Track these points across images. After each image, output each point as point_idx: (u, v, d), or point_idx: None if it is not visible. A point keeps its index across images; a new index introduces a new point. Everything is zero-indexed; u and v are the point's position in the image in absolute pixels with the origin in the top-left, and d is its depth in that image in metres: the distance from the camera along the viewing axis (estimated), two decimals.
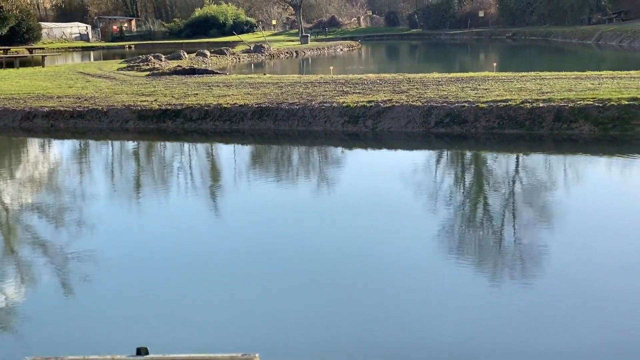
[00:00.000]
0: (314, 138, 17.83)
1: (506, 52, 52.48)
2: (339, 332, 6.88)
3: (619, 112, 15.92)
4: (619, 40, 46.18)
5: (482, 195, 12.25)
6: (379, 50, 61.20)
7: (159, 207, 12.19)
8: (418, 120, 17.41)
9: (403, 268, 8.53)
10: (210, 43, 67.38)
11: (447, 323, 6.93)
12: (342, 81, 22.44)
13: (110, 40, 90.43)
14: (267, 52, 46.54)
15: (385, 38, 76.67)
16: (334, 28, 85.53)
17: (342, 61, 46.41)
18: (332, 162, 15.79)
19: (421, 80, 21.43)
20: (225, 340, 6.82)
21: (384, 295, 7.72)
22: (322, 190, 13.13)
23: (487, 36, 67.99)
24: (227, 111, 19.16)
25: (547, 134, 16.19)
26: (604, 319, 6.83)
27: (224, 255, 9.35)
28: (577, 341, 6.42)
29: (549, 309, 7.07)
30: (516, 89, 18.58)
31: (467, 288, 7.77)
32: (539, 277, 8.03)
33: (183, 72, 27.61)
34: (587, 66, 25.81)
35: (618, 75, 20.33)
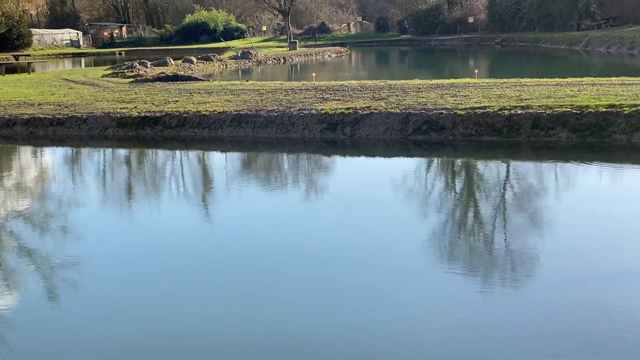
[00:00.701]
0: (292, 145, 17.76)
1: (495, 58, 52.55)
2: (329, 339, 6.84)
3: (597, 119, 15.89)
4: (607, 46, 46.28)
5: (465, 202, 12.16)
6: (368, 57, 61.20)
7: (139, 215, 12.11)
8: (396, 127, 17.36)
9: (391, 274, 8.47)
10: (201, 49, 67.38)
11: (437, 329, 6.90)
12: (323, 88, 22.38)
13: (101, 46, 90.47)
14: (254, 59, 46.48)
15: (375, 44, 76.71)
16: (324, 34, 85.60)
17: (329, 67, 46.40)
18: (312, 169, 15.72)
19: (402, 87, 21.39)
20: (215, 346, 6.80)
21: (372, 301, 7.67)
22: (305, 197, 13.03)
23: (477, 42, 68.13)
24: (206, 118, 19.08)
25: (524, 141, 16.15)
26: (592, 324, 6.77)
27: (209, 263, 9.27)
28: (567, 348, 6.36)
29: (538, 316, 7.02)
30: (495, 96, 18.55)
31: (457, 295, 7.69)
32: (526, 283, 7.97)
33: (166, 79, 27.52)
34: (572, 72, 25.86)
35: (598, 81, 20.32)
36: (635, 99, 16.73)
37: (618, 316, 6.94)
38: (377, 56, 62.43)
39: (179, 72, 32.65)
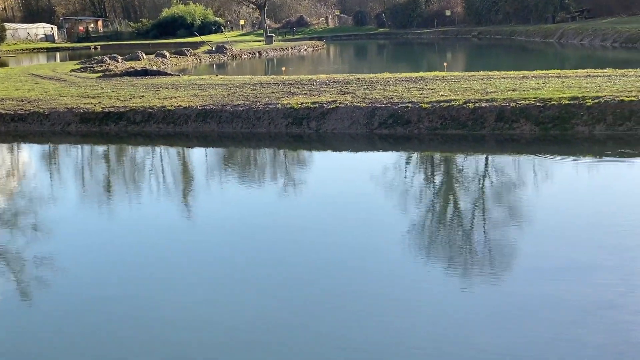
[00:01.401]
0: (258, 140, 17.63)
1: (471, 51, 52.58)
2: (310, 331, 6.83)
3: (559, 112, 15.87)
4: (580, 39, 46.40)
5: (432, 197, 12.06)
6: (345, 50, 61.04)
7: (104, 211, 11.96)
8: (362, 122, 17.26)
9: (368, 268, 8.44)
10: (178, 43, 66.87)
11: (419, 321, 6.90)
12: (291, 82, 22.24)
13: (76, 40, 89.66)
14: (229, 53, 46.22)
15: (353, 37, 76.52)
16: (302, 28, 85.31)
17: (304, 62, 46.24)
18: (278, 164, 15.61)
19: (370, 81, 21.29)
20: (195, 337, 6.77)
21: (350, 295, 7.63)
22: (273, 192, 12.94)
23: (454, 35, 68.13)
24: (171, 113, 18.90)
25: (489, 134, 16.11)
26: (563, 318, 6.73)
27: (182, 257, 9.23)
28: (545, 342, 6.31)
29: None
30: (461, 89, 18.49)
31: (435, 287, 7.61)
32: (500, 276, 7.90)
33: (135, 74, 27.28)
34: (544, 65, 25.78)
35: (564, 74, 20.31)
36: (599, 90, 16.72)
37: (585, 310, 6.89)
38: (355, 50, 62.27)
39: (152, 67, 32.39)
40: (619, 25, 45.67)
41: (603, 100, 15.77)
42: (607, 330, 6.37)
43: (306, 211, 11.37)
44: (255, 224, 10.65)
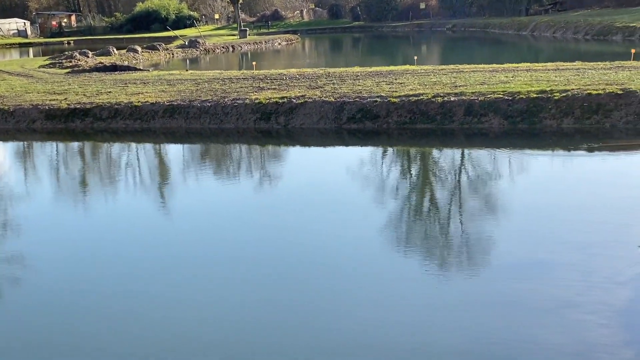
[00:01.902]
0: (226, 136, 17.46)
1: (445, 44, 52.58)
2: (288, 326, 6.78)
3: (527, 106, 15.82)
4: (553, 31, 46.52)
5: (403, 191, 11.94)
6: (320, 44, 60.85)
7: (70, 210, 11.79)
8: (330, 116, 17.12)
9: (341, 262, 8.40)
10: (152, 38, 66.36)
11: (394, 311, 6.89)
12: (261, 77, 22.06)
13: (49, 36, 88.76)
14: (202, 47, 45.87)
15: (328, 31, 76.34)
16: (277, 22, 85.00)
17: (277, 56, 46.02)
18: (247, 160, 15.48)
19: (340, 75, 21.15)
20: (168, 339, 6.67)
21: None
22: (246, 188, 12.79)
23: (428, 28, 68.16)
24: (138, 109, 18.66)
25: (457, 128, 16.03)
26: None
27: (158, 255, 9.12)
28: (502, 342, 6.24)
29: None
30: (431, 83, 18.40)
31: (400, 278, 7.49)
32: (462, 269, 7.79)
33: (104, 69, 26.97)
34: (516, 58, 25.78)
35: (534, 67, 20.28)
36: (567, 84, 16.69)
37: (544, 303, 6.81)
38: (330, 43, 62.07)
39: (123, 62, 32.10)
40: (591, 18, 45.86)
41: (571, 94, 15.75)
42: (564, 330, 6.28)
43: (279, 207, 11.22)
44: (228, 221, 10.52)
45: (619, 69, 18.59)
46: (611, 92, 15.51)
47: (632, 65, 19.21)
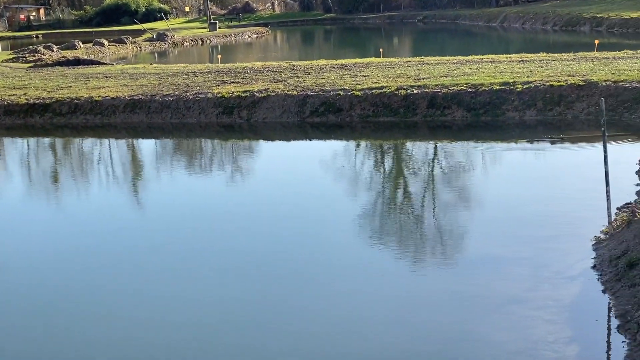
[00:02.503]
0: (188, 130, 17.26)
1: (416, 35, 52.61)
2: (261, 317, 6.74)
3: (490, 98, 15.76)
4: (522, 22, 46.64)
5: (365, 185, 11.81)
6: (291, 36, 60.64)
7: (29, 206, 11.63)
8: (293, 110, 16.97)
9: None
10: (121, 31, 65.62)
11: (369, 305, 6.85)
12: (225, 70, 21.84)
13: (17, 29, 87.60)
14: (170, 41, 45.48)
15: (299, 23, 76.03)
16: (248, 14, 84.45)
17: (245, 48, 45.79)
18: (211, 155, 15.37)
19: (304, 68, 20.99)
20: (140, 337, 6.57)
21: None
22: (213, 182, 12.71)
23: (399, 20, 68.10)
24: (99, 104, 18.39)
25: (421, 120, 15.94)
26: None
27: (125, 252, 9.02)
28: (448, 340, 6.15)
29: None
30: (394, 75, 18.28)
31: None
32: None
33: (67, 63, 26.61)
34: (485, 49, 25.73)
35: (498, 59, 20.23)
36: (530, 75, 16.64)
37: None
38: (301, 36, 61.88)
39: (89, 56, 31.72)
40: (560, 9, 46.01)
41: (533, 86, 15.70)
42: (509, 327, 6.19)
43: (247, 202, 11.11)
44: (196, 216, 10.38)
45: (582, 60, 18.59)
46: (573, 83, 15.49)
47: (595, 56, 19.22)
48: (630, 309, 6.02)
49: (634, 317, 5.82)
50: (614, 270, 6.85)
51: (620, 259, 6.91)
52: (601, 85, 15.25)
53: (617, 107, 14.73)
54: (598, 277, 6.96)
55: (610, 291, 6.57)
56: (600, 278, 6.91)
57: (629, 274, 6.54)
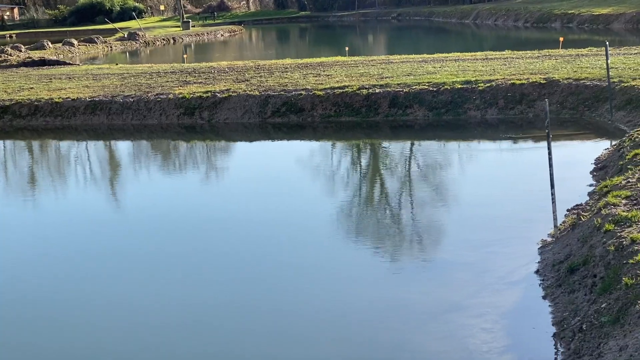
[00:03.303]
0: (149, 132, 17.05)
1: (391, 33, 52.54)
2: (241, 318, 6.71)
3: (452, 97, 15.64)
4: (494, 19, 46.69)
5: (325, 185, 11.66)
6: (264, 34, 60.38)
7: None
8: (255, 110, 16.78)
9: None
10: (96, 30, 65.09)
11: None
12: (190, 70, 21.61)
13: None
14: (142, 40, 45.10)
15: (274, 21, 75.81)
16: (223, 12, 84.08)
17: (216, 48, 45.47)
18: (173, 156, 15.20)
19: (269, 67, 20.80)
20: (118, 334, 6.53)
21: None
22: (179, 184, 12.62)
23: (374, 17, 68.01)
24: (59, 106, 18.12)
25: (382, 120, 15.81)
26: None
27: (82, 251, 8.98)
28: (387, 349, 6.00)
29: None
30: (358, 75, 18.13)
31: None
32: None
33: (32, 64, 26.27)
34: (458, 47, 25.67)
35: (463, 57, 20.12)
36: (493, 74, 16.54)
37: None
38: (275, 34, 61.66)
39: (58, 57, 31.37)
40: (531, 5, 46.04)
41: (495, 84, 15.60)
42: (446, 337, 6.05)
43: (214, 202, 11.08)
44: (157, 216, 10.34)
45: (546, 58, 18.52)
46: (535, 81, 15.40)
47: (559, 54, 19.16)
48: (567, 316, 5.90)
49: (570, 325, 5.70)
50: (555, 276, 6.73)
51: (562, 264, 6.79)
52: (562, 83, 15.18)
53: (578, 106, 14.65)
54: (540, 282, 6.83)
55: (550, 297, 6.44)
56: (542, 283, 6.78)
57: (569, 280, 6.42)
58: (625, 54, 18.01)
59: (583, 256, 6.55)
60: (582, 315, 5.70)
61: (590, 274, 6.20)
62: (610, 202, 7.11)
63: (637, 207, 6.81)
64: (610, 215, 6.73)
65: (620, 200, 7.07)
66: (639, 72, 15.04)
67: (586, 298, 5.94)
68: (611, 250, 6.07)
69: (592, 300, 5.80)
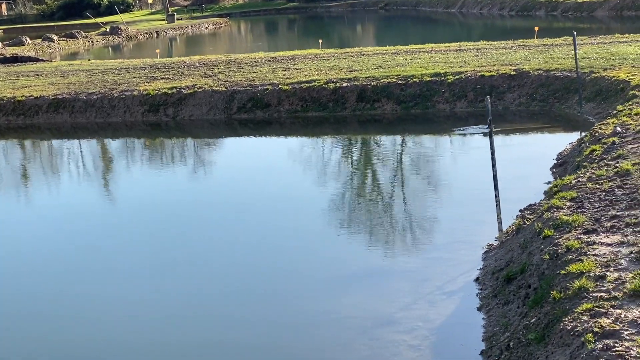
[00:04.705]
0: (114, 130, 16.65)
1: (379, 23, 52.10)
2: (231, 310, 6.65)
3: (421, 90, 15.22)
4: (480, 8, 46.20)
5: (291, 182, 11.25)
6: (251, 27, 59.80)
7: None
8: (220, 107, 16.35)
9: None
10: (84, 25, 64.49)
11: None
12: (160, 65, 21.14)
13: None
14: (124, 34, 44.54)
15: (263, 13, 75.13)
16: (211, 5, 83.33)
17: (197, 41, 44.98)
18: (136, 154, 14.97)
19: (240, 62, 20.35)
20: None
21: None
22: (145, 181, 12.48)
23: (361, 7, 67.35)
24: (21, 104, 17.68)
25: (350, 115, 15.40)
26: None
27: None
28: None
29: None
30: (327, 68, 17.68)
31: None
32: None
33: (4, 61, 25.82)
34: (443, 37, 25.25)
35: (437, 47, 19.67)
36: (463, 65, 16.11)
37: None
38: (264, 26, 61.10)
39: (37, 52, 30.95)
40: None
41: (464, 76, 15.18)
42: (371, 355, 5.65)
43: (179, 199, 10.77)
44: (125, 213, 10.25)
45: (520, 48, 18.08)
46: (504, 73, 14.99)
47: (533, 44, 18.71)
48: (498, 331, 5.49)
49: (499, 342, 5.29)
50: (493, 285, 6.32)
51: (502, 272, 6.39)
52: (532, 74, 14.76)
53: (548, 98, 14.23)
54: (478, 291, 6.43)
55: (485, 309, 6.04)
56: (480, 293, 6.38)
57: (506, 290, 6.02)
58: (600, 43, 17.58)
59: (521, 264, 6.15)
60: (512, 330, 5.29)
61: (525, 284, 5.80)
62: (555, 204, 6.69)
63: (580, 210, 6.39)
64: (552, 220, 6.32)
65: (564, 203, 6.65)
66: (610, 62, 14.61)
67: (518, 311, 5.54)
68: (546, 259, 5.66)
69: (523, 313, 5.40)
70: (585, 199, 6.61)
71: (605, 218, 6.04)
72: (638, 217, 5.89)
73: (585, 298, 4.78)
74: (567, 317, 4.66)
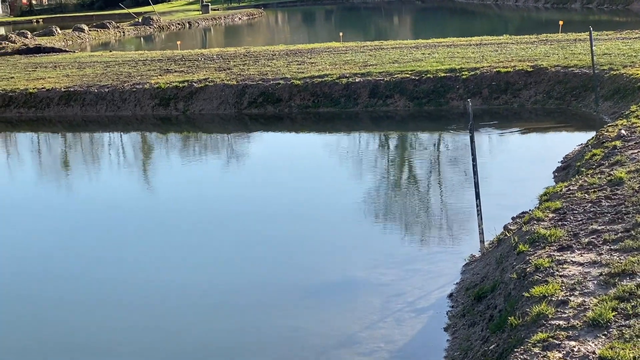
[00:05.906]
0: (124, 124, 16.45)
1: (416, 15, 51.50)
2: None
3: (434, 86, 14.74)
4: (515, 0, 45.37)
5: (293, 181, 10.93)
6: (286, 18, 59.45)
7: None
8: (231, 101, 16.02)
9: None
10: (122, 15, 64.76)
11: None
12: (177, 57, 20.89)
13: (20, 14, 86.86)
14: (156, 25, 44.43)
15: (299, 4, 74.70)
16: None
17: (228, 32, 44.74)
18: (148, 149, 14.78)
19: (258, 54, 20.01)
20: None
21: None
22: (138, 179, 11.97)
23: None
24: (33, 97, 17.53)
25: (362, 111, 14.98)
26: None
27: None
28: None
29: None
30: (342, 62, 17.26)
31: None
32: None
33: (27, 52, 25.76)
34: (478, 29, 24.68)
35: (458, 42, 19.12)
36: (480, 61, 15.57)
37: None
38: (301, 17, 60.74)
39: (67, 43, 30.99)
40: None
41: (480, 73, 14.67)
42: None
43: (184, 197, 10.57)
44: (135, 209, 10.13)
45: (541, 43, 17.45)
46: (521, 69, 14.44)
47: (556, 39, 18.07)
48: (458, 356, 5.06)
49: None
50: (464, 302, 5.90)
51: (475, 288, 5.94)
52: (550, 71, 14.19)
53: (565, 95, 13.67)
54: (449, 309, 6.00)
55: (451, 330, 5.61)
56: (451, 311, 5.95)
57: (474, 309, 5.59)
58: (624, 39, 16.89)
59: (494, 281, 5.71)
60: (471, 357, 4.86)
61: (492, 304, 5.36)
62: (536, 216, 6.22)
63: (561, 222, 5.92)
64: (529, 233, 5.86)
65: (547, 214, 6.18)
66: (631, 59, 13.96)
67: (481, 335, 5.11)
68: (514, 278, 5.21)
69: (485, 338, 4.97)
70: (570, 210, 6.13)
71: (584, 233, 5.58)
72: (618, 232, 5.42)
73: (543, 326, 4.35)
74: (519, 348, 4.22)
